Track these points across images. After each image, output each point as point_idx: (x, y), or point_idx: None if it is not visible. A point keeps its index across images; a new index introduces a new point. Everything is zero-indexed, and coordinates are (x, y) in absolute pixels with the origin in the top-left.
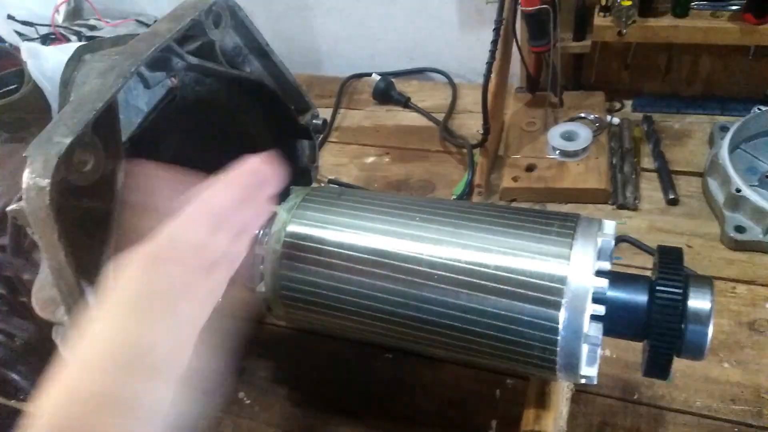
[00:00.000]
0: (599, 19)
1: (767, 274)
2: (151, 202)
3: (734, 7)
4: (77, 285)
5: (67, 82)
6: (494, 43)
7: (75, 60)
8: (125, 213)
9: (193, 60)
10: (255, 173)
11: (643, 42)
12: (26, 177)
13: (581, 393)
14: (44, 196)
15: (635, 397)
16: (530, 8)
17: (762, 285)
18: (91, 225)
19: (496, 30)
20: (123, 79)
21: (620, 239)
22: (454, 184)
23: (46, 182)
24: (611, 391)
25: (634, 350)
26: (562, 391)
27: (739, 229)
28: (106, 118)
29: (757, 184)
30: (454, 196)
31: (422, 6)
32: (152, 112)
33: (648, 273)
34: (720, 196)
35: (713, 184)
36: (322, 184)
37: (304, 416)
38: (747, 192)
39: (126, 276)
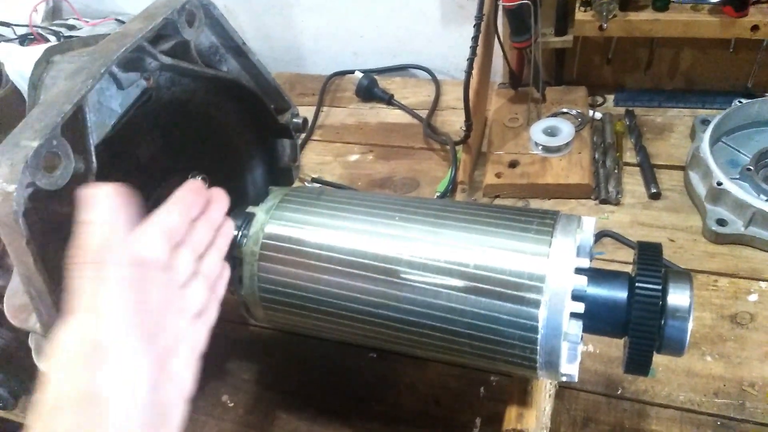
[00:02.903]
0: (580, 14)
1: (749, 266)
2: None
3: (714, 1)
4: (48, 291)
5: (36, 84)
6: (475, 39)
7: (44, 61)
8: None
9: (167, 60)
10: (197, 191)
11: (625, 36)
12: None
13: (564, 389)
14: (11, 202)
15: (618, 392)
16: (511, 3)
17: (744, 278)
18: (62, 230)
19: (477, 26)
20: (92, 81)
21: (603, 234)
22: (438, 181)
23: (12, 188)
24: (594, 386)
25: (617, 345)
26: (544, 389)
27: (721, 222)
28: (75, 121)
29: (738, 177)
30: (438, 193)
31: (404, 2)
32: (126, 113)
33: (630, 267)
34: (702, 190)
35: (695, 178)
36: (306, 183)
37: (288, 418)
38: (728, 185)
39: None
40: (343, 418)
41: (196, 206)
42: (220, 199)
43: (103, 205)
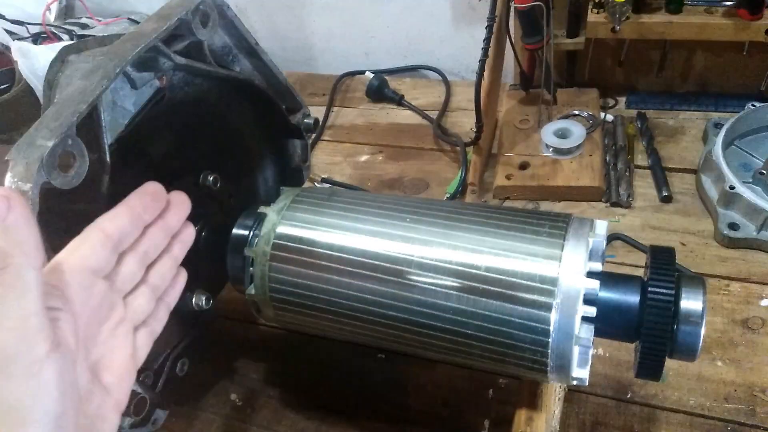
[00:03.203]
0: (593, 16)
1: (761, 271)
2: None
3: (728, 3)
4: None
5: (51, 83)
6: (487, 40)
7: (59, 60)
8: None
9: (181, 60)
10: (153, 195)
11: (637, 38)
12: (8, 181)
13: (574, 392)
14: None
15: (628, 396)
16: (523, 5)
17: (756, 282)
18: (77, 228)
19: (489, 27)
20: (107, 81)
21: (613, 237)
22: (448, 182)
23: (28, 186)
24: (604, 390)
25: (627, 349)
26: (554, 392)
27: (733, 226)
28: (90, 120)
29: (750, 180)
30: (448, 195)
31: (416, 3)
32: (140, 113)
33: (641, 270)
34: (714, 193)
35: (707, 181)
36: (315, 183)
37: (296, 417)
38: (741, 189)
39: None
40: (351, 419)
41: (150, 211)
42: (181, 203)
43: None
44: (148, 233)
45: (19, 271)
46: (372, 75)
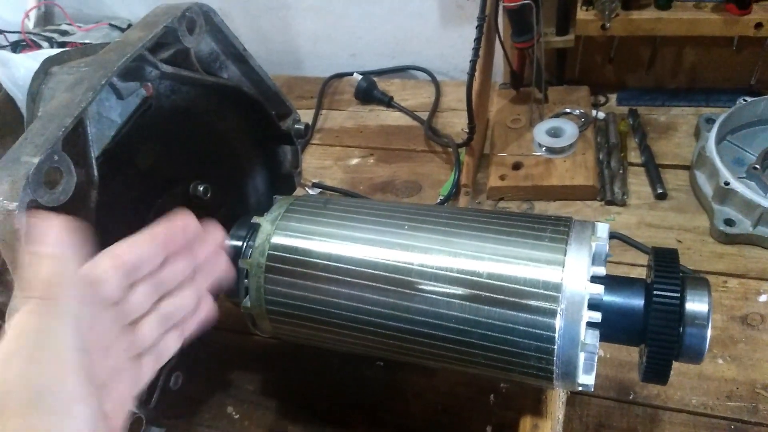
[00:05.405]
0: (582, 13)
1: (758, 267)
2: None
3: None
4: None
5: (34, 96)
6: (478, 40)
7: (42, 72)
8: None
9: (168, 68)
10: (182, 228)
11: (627, 35)
12: None
13: (576, 395)
14: (12, 220)
15: (630, 397)
16: (513, 3)
17: (753, 278)
18: None
19: (480, 26)
20: (93, 93)
21: (610, 236)
22: (441, 184)
23: (14, 206)
24: (606, 392)
25: (628, 349)
26: (558, 397)
27: (729, 222)
28: (76, 134)
29: (744, 176)
30: (441, 197)
31: (403, 3)
32: (126, 123)
33: (638, 269)
34: (708, 189)
35: (701, 177)
36: (306, 189)
37: (294, 429)
38: (735, 185)
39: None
40: (350, 428)
41: (175, 242)
42: (212, 233)
43: (54, 237)
44: (169, 262)
45: (63, 304)
46: (360, 76)
